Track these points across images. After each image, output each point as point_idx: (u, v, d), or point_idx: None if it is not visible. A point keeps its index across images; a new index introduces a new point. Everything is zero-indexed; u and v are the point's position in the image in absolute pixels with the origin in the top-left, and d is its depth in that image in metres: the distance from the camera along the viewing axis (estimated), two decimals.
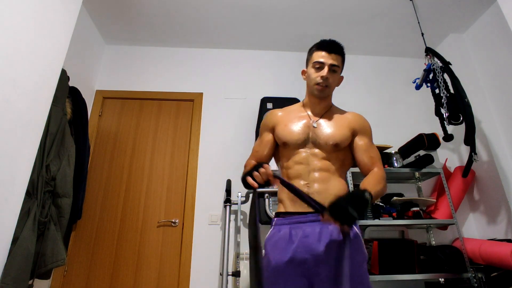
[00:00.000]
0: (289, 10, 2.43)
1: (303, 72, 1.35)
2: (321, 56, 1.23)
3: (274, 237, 1.13)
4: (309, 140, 1.21)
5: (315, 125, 1.24)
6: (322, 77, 1.21)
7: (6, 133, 1.18)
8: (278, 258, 1.06)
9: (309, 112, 1.29)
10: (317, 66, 1.23)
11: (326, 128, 1.24)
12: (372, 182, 1.09)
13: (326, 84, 1.22)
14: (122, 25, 2.58)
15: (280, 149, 1.28)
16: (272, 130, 1.30)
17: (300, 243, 1.06)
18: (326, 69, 1.21)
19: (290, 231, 1.10)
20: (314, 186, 1.14)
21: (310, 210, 1.07)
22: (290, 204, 1.15)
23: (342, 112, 1.32)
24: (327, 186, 1.15)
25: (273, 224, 1.18)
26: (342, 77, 1.31)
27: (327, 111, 1.30)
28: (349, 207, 0.86)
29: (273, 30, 2.66)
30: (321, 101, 1.28)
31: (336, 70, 1.24)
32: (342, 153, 1.24)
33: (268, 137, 1.30)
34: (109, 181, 2.34)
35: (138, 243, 2.17)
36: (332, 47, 1.25)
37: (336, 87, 1.30)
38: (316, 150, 1.20)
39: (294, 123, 1.26)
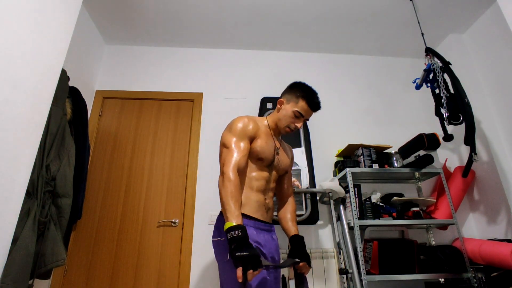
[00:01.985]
0: (289, 10, 2.43)
1: (280, 102, 1.44)
2: (305, 110, 1.38)
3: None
4: (273, 163, 1.39)
5: (278, 152, 1.43)
6: (296, 126, 1.39)
7: (6, 133, 1.18)
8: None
9: (272, 135, 1.44)
10: (297, 115, 1.38)
11: (283, 157, 1.47)
12: (295, 225, 1.45)
13: (294, 130, 1.41)
14: (122, 25, 2.58)
15: (248, 160, 1.33)
16: (251, 140, 1.33)
17: (267, 249, 1.26)
18: (302, 121, 1.39)
19: (257, 235, 1.24)
20: (270, 203, 1.38)
21: (267, 220, 1.34)
22: (253, 211, 1.28)
23: (284, 143, 1.58)
24: (273, 203, 1.41)
25: None
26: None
27: (281, 140, 1.55)
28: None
29: (273, 30, 2.66)
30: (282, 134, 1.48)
31: (306, 120, 1.45)
32: None
33: (248, 145, 1.31)
34: (109, 181, 2.34)
35: (138, 243, 2.17)
36: (317, 108, 1.41)
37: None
38: (274, 173, 1.42)
39: (267, 142, 1.38)
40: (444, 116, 1.98)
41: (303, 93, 1.39)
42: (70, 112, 1.92)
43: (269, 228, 1.35)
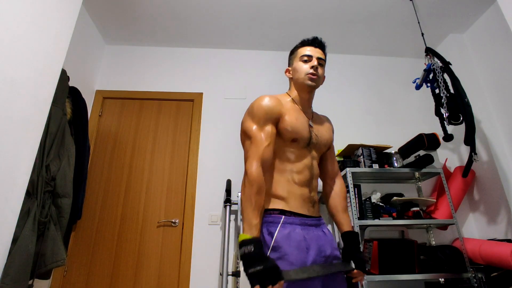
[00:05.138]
0: (289, 10, 2.43)
1: (287, 71, 1.30)
2: (308, 50, 1.23)
3: (291, 236, 1.02)
4: (311, 141, 1.17)
5: (311, 123, 1.21)
6: (312, 67, 1.19)
7: (6, 133, 1.18)
8: (300, 259, 0.99)
9: (301, 109, 1.22)
10: (305, 59, 1.21)
11: (322, 129, 1.25)
12: (347, 216, 1.23)
13: (317, 74, 1.19)
14: (122, 25, 2.58)
15: (281, 145, 1.13)
16: (276, 121, 1.12)
17: (316, 247, 1.05)
18: (315, 60, 1.20)
19: (303, 232, 1.05)
20: (315, 196, 1.16)
21: (314, 214, 1.13)
22: (295, 205, 1.09)
23: (319, 115, 1.34)
24: (316, 196, 1.19)
25: (282, 221, 1.05)
26: (324, 77, 1.27)
27: (312, 112, 1.29)
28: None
29: (272, 30, 2.66)
30: (310, 97, 1.25)
31: (322, 64, 1.23)
32: None
33: (273, 129, 1.10)
34: (109, 181, 2.34)
35: (138, 243, 2.17)
36: (317, 42, 1.25)
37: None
38: (315, 154, 1.19)
39: (298, 118, 1.16)
40: (444, 116, 1.98)
41: (296, 44, 1.31)
42: (70, 112, 1.92)
43: (318, 222, 1.14)
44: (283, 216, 1.06)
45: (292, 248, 0.99)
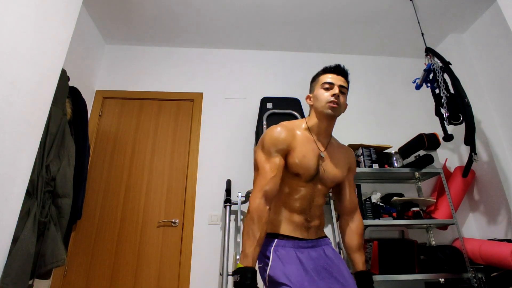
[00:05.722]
0: (289, 10, 2.43)
1: (308, 98, 1.27)
2: (329, 77, 1.20)
3: (287, 255, 1.06)
4: (318, 174, 1.16)
5: (322, 155, 1.19)
6: (334, 95, 1.15)
7: (6, 133, 1.18)
8: (301, 275, 1.03)
9: (315, 139, 1.20)
10: (326, 86, 1.18)
11: (332, 164, 1.21)
12: (362, 254, 1.21)
13: (338, 102, 1.15)
14: (122, 25, 2.58)
15: (284, 175, 1.14)
16: (285, 154, 1.13)
17: (311, 264, 1.07)
18: (336, 88, 1.17)
19: (297, 254, 1.08)
20: (313, 222, 1.17)
21: (310, 237, 1.15)
22: (287, 229, 1.12)
23: (339, 145, 1.31)
24: (320, 220, 1.21)
25: (274, 244, 1.10)
26: (347, 104, 1.25)
27: (329, 141, 1.25)
28: None
29: (273, 30, 2.66)
30: (329, 126, 1.22)
31: (344, 92, 1.20)
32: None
33: (281, 161, 1.12)
34: (109, 181, 2.34)
35: (138, 243, 2.17)
36: (339, 70, 1.22)
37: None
38: (320, 186, 1.19)
39: (307, 153, 1.15)
40: (444, 116, 1.98)
41: (318, 71, 1.28)
42: (70, 112, 1.91)
43: (315, 243, 1.15)
44: (276, 240, 1.10)
45: (290, 265, 1.03)
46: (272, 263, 1.05)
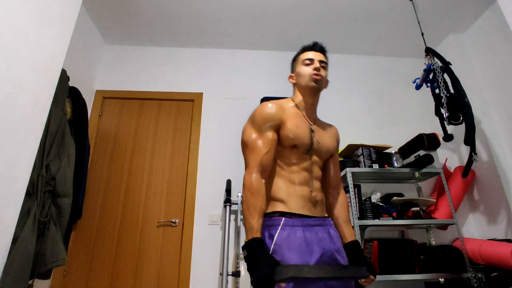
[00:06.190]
0: (289, 10, 2.43)
1: (291, 77, 1.31)
2: (309, 54, 1.26)
3: (291, 238, 1.01)
4: (312, 147, 1.17)
5: (313, 128, 1.21)
6: (315, 68, 1.21)
7: (7, 133, 1.18)
8: (301, 262, 0.98)
9: (304, 114, 1.23)
10: (307, 62, 1.24)
11: (324, 137, 1.24)
12: (350, 227, 1.23)
13: (320, 75, 1.21)
14: (122, 25, 2.58)
15: (281, 150, 1.14)
16: (277, 128, 1.13)
17: (320, 247, 1.04)
18: (317, 62, 1.23)
19: (304, 234, 1.04)
20: (318, 195, 1.15)
21: (317, 214, 1.12)
22: (295, 206, 1.08)
23: (324, 122, 1.34)
24: (322, 195, 1.20)
25: (282, 224, 1.04)
26: (328, 81, 1.29)
27: (316, 117, 1.29)
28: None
29: (273, 30, 2.66)
30: (314, 101, 1.26)
31: (324, 67, 1.26)
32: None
33: (274, 136, 1.11)
34: (109, 181, 2.34)
35: (138, 243, 2.17)
36: (318, 46, 1.28)
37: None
38: (316, 158, 1.20)
39: (300, 123, 1.17)
40: (444, 116, 1.99)
41: (298, 51, 1.32)
42: (70, 112, 1.92)
43: (322, 222, 1.12)
44: (283, 218, 1.05)
45: (292, 252, 0.99)
46: (274, 247, 1.00)
